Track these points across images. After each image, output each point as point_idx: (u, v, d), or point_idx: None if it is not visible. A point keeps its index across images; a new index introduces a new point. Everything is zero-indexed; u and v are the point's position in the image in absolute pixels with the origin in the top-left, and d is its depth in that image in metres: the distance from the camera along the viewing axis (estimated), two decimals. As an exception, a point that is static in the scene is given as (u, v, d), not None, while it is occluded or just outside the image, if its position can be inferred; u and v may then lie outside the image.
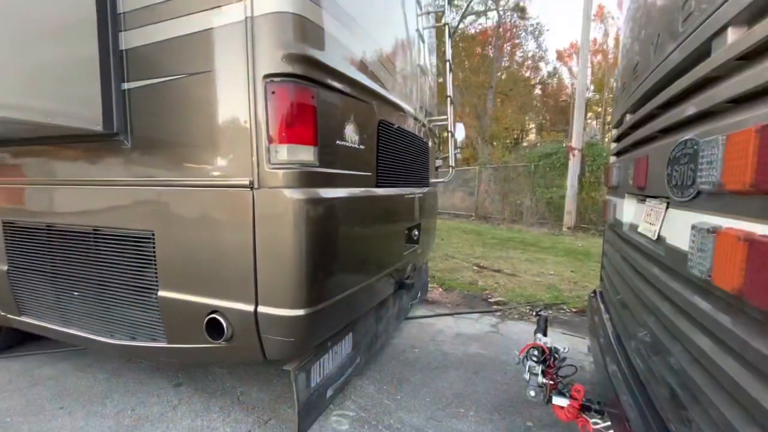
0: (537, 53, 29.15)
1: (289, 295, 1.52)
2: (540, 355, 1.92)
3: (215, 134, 1.59)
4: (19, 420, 2.02)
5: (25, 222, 2.18)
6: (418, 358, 2.84)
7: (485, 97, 23.32)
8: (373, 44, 2.06)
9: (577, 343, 3.14)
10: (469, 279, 5.18)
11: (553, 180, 11.50)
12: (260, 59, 1.46)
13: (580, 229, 10.53)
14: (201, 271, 1.68)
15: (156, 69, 1.69)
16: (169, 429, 1.97)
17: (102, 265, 1.96)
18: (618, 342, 1.81)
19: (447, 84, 3.26)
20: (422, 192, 2.95)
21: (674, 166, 1.03)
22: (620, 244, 1.89)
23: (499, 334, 3.37)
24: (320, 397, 1.85)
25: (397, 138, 2.38)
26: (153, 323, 1.85)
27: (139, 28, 1.70)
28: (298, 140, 1.49)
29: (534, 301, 4.24)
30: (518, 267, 5.99)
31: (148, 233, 1.78)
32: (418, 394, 2.35)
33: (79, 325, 2.13)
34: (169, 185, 1.71)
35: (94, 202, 1.94)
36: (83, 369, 2.56)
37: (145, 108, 1.74)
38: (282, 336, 1.57)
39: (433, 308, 4.01)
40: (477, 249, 7.61)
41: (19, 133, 1.92)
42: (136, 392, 2.30)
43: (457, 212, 15.35)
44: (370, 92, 1.98)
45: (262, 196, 1.51)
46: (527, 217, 11.69)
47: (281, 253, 1.51)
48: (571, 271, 5.72)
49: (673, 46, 1.17)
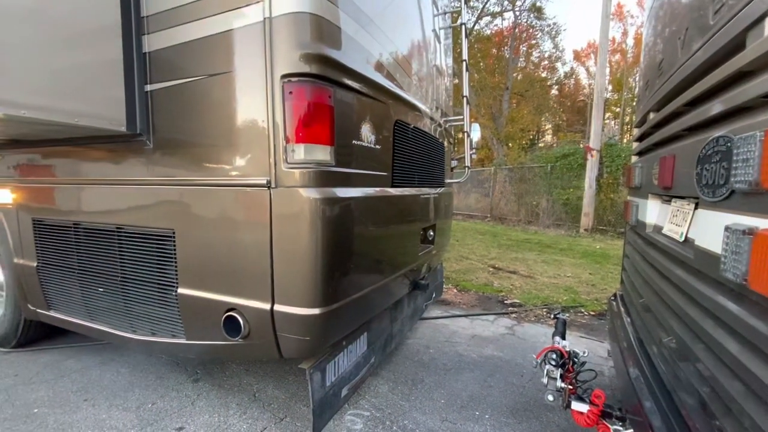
0: (554, 53, 28.73)
1: (304, 293, 1.53)
2: (558, 358, 1.88)
3: (234, 134, 1.61)
4: (45, 411, 2.08)
5: (53, 220, 2.26)
6: (433, 359, 2.82)
7: (501, 98, 23.06)
8: (389, 44, 2.05)
9: (596, 347, 3.07)
10: (485, 280, 5.12)
11: (570, 181, 11.29)
12: (278, 59, 1.48)
13: (598, 231, 10.30)
14: (219, 269, 1.70)
15: (177, 71, 1.72)
16: (187, 424, 2.01)
17: (125, 263, 2.00)
18: (640, 346, 1.76)
19: (463, 84, 3.23)
20: (437, 192, 2.93)
21: (704, 165, 0.99)
22: (643, 246, 1.84)
23: (515, 337, 3.32)
24: (335, 397, 1.85)
25: (413, 138, 2.37)
26: (173, 320, 1.89)
27: (162, 31, 1.74)
28: (315, 140, 1.50)
29: (551, 303, 4.16)
30: (534, 269, 5.89)
31: (168, 231, 1.81)
32: (432, 396, 2.34)
33: (103, 320, 2.19)
34: (190, 184, 1.74)
35: (118, 201, 1.99)
36: (107, 362, 2.63)
37: (167, 109, 1.78)
38: (297, 334, 1.57)
39: (448, 309, 3.98)
40: (492, 250, 7.52)
41: (47, 134, 1.98)
42: (157, 387, 2.35)
43: (472, 213, 15.22)
44: (386, 92, 1.98)
45: (279, 195, 1.52)
46: (543, 218, 11.51)
47: (297, 252, 1.52)
48: (589, 274, 5.60)
49: (702, 41, 1.12)
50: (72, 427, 1.96)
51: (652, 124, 1.78)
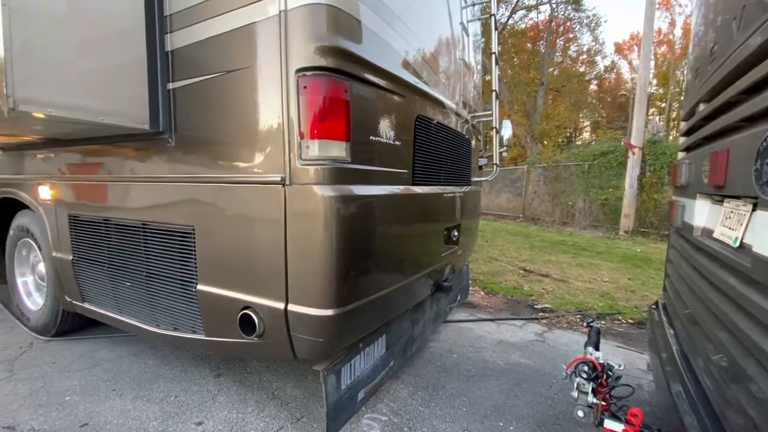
0: (593, 47, 27.44)
1: (318, 294, 1.49)
2: (591, 371, 1.74)
3: (250, 130, 1.59)
4: (76, 399, 2.17)
5: (86, 216, 2.35)
6: (456, 364, 2.72)
7: (535, 94, 22.28)
8: (412, 36, 1.97)
9: (634, 357, 2.85)
10: (514, 283, 4.93)
11: (609, 180, 10.70)
12: (293, 53, 1.44)
13: (639, 234, 9.70)
14: (236, 266, 1.70)
15: (196, 68, 1.73)
16: (206, 418, 2.03)
17: (149, 258, 2.05)
18: (684, 361, 1.59)
19: (493, 78, 3.09)
20: (463, 191, 2.82)
21: (766, 160, 0.85)
22: (689, 251, 1.66)
23: (545, 344, 3.15)
24: (351, 400, 1.81)
25: (437, 134, 2.28)
26: (193, 316, 1.91)
27: (183, 29, 1.75)
28: (330, 135, 1.45)
29: (585, 309, 3.93)
30: (568, 272, 5.62)
31: (189, 228, 1.83)
32: (453, 403, 2.24)
33: (130, 313, 2.26)
34: (208, 182, 1.74)
35: (143, 198, 2.04)
36: (137, 354, 2.72)
37: (188, 106, 1.79)
38: (311, 335, 1.54)
39: (474, 312, 3.85)
40: (523, 252, 7.25)
41: (78, 133, 2.06)
42: (181, 380, 2.40)
43: (503, 213, 14.82)
44: (407, 86, 1.90)
45: (293, 192, 1.49)
46: (579, 219, 10.99)
47: (311, 251, 1.48)
48: (628, 279, 5.27)
49: (763, 18, 0.97)
50: (99, 416, 2.03)
51: (702, 116, 1.60)
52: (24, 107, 1.40)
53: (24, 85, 1.39)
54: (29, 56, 1.40)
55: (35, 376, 2.41)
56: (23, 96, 1.39)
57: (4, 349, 2.77)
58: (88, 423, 1.97)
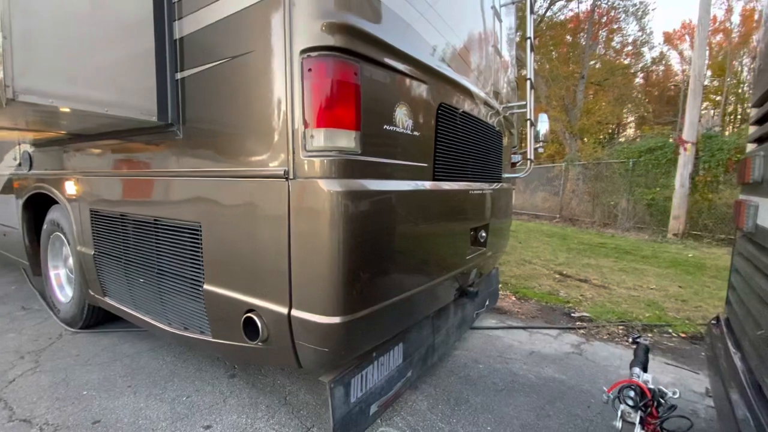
0: (639, 37, 25.73)
1: (323, 299, 1.35)
2: (638, 397, 1.49)
3: (253, 120, 1.48)
4: (93, 394, 2.17)
5: (106, 211, 2.35)
6: (482, 376, 2.51)
7: (574, 88, 21.18)
8: (436, 17, 1.79)
9: (687, 378, 2.52)
10: (549, 288, 4.61)
11: (657, 178, 9.91)
12: (297, 32, 1.31)
13: (691, 237, 8.92)
14: (240, 266, 1.59)
15: (204, 55, 1.64)
16: (215, 422, 1.95)
17: (160, 254, 2.00)
18: (756, 389, 1.32)
19: (528, 66, 2.85)
20: (492, 188, 2.59)
21: None
22: (764, 259, 1.38)
23: (582, 357, 2.87)
24: (361, 414, 1.66)
25: (462, 125, 2.09)
26: (200, 316, 1.83)
27: (191, 14, 1.67)
28: (337, 124, 1.30)
29: (629, 320, 3.58)
30: (610, 278, 5.20)
31: (196, 224, 1.75)
32: (477, 420, 2.04)
33: (144, 310, 2.23)
34: (213, 176, 1.65)
35: (154, 193, 1.99)
36: (156, 350, 2.72)
37: (195, 97, 1.71)
38: (316, 344, 1.40)
39: (504, 319, 3.60)
40: (560, 254, 6.83)
41: (84, 127, 2.03)
42: (195, 379, 2.35)
43: (538, 213, 14.19)
44: (429, 70, 1.72)
45: (297, 187, 1.36)
46: (622, 220, 10.28)
47: (316, 251, 1.34)
48: (678, 287, 4.79)
49: None
50: (112, 413, 2.00)
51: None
52: (24, 97, 1.35)
53: (25, 74, 1.34)
54: (31, 46, 1.36)
55: (59, 368, 2.44)
56: (24, 86, 1.34)
57: (35, 339, 2.85)
58: (100, 420, 1.95)
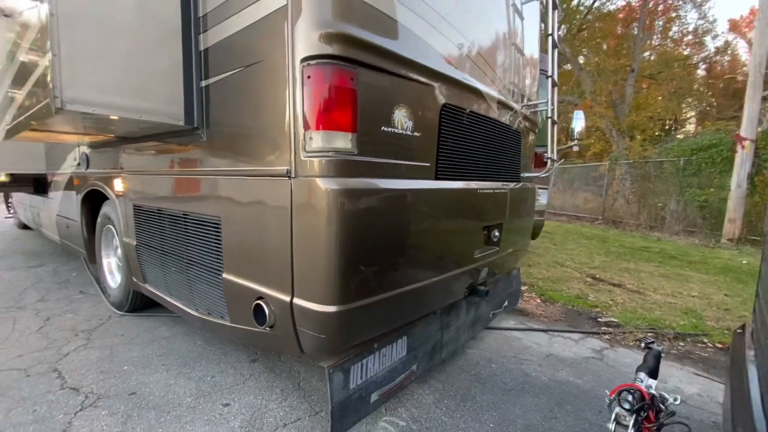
0: (700, 25, 23.75)
1: (320, 289, 1.46)
2: (636, 401, 1.46)
3: (263, 123, 1.61)
4: (132, 370, 2.42)
5: (145, 206, 2.61)
6: (493, 375, 2.52)
7: (623, 82, 19.94)
8: (438, 20, 1.83)
9: (715, 390, 2.39)
10: (577, 292, 4.46)
11: (711, 178, 9.17)
12: (298, 43, 1.42)
13: (748, 242, 8.17)
14: (252, 257, 1.74)
15: (223, 64, 1.80)
16: (234, 401, 2.12)
17: (189, 245, 2.20)
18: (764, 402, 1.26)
19: (550, 64, 2.80)
20: (507, 188, 2.58)
21: None
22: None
23: (602, 362, 2.78)
24: (361, 401, 1.75)
25: (470, 125, 2.11)
26: (220, 302, 2.00)
27: (214, 27, 1.83)
28: (334, 126, 1.40)
29: (660, 327, 3.40)
30: (647, 283, 4.93)
31: (217, 219, 1.92)
32: (481, 417, 2.07)
33: (176, 296, 2.46)
34: (231, 174, 1.81)
35: (183, 190, 2.19)
36: (189, 334, 2.97)
37: (216, 102, 1.88)
38: (314, 331, 1.51)
39: (525, 321, 3.55)
40: (596, 258, 6.55)
41: (123, 131, 2.27)
42: (220, 362, 2.56)
43: (579, 214, 13.60)
44: (431, 73, 1.78)
45: (298, 185, 1.47)
46: (671, 223, 9.61)
47: (314, 245, 1.45)
48: (724, 295, 4.46)
49: None
50: (147, 387, 2.24)
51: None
52: (70, 107, 1.57)
53: (71, 87, 1.56)
54: (75, 60, 1.57)
55: (106, 345, 2.75)
56: (70, 96, 1.56)
57: (89, 319, 3.20)
58: (135, 392, 2.19)
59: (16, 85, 2.14)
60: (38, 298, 3.64)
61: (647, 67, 21.35)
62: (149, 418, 1.95)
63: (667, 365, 2.77)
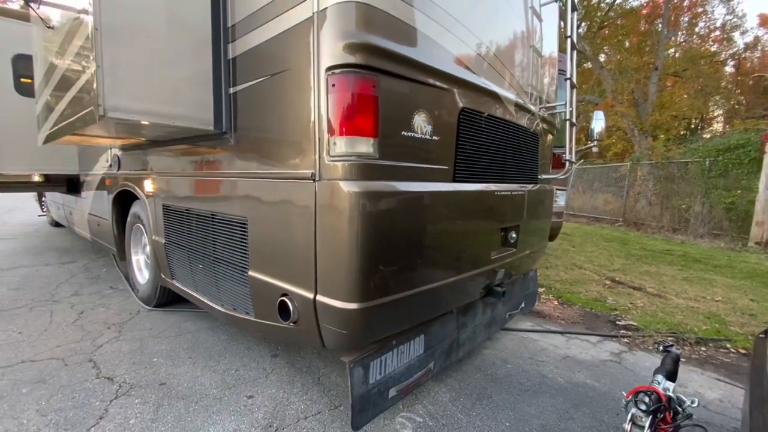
0: (729, 21, 22.94)
1: (342, 287, 1.52)
2: (652, 402, 1.48)
3: (289, 129, 1.69)
4: (161, 362, 2.55)
5: (174, 206, 2.74)
6: (509, 376, 2.54)
7: (646, 81, 19.42)
8: (458, 27, 1.88)
9: (736, 394, 2.35)
10: (596, 294, 4.41)
11: (738, 180, 8.88)
12: (323, 53, 1.49)
13: (779, 246, 7.90)
14: (278, 255, 1.82)
15: (250, 72, 1.89)
16: (256, 393, 2.22)
17: (216, 244, 2.31)
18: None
19: (567, 66, 2.81)
20: (525, 189, 2.60)
21: None
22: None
23: (620, 365, 2.77)
24: (380, 396, 1.81)
25: (488, 128, 2.15)
26: (246, 298, 2.10)
27: (242, 37, 1.93)
28: (357, 132, 1.47)
29: (681, 331, 3.35)
30: (669, 286, 4.84)
31: (243, 219, 2.02)
32: (497, 416, 2.10)
33: (203, 292, 2.57)
34: (258, 177, 1.90)
35: (211, 191, 2.30)
36: (213, 329, 3.09)
37: (243, 108, 1.97)
38: (336, 327, 1.58)
39: (541, 323, 3.55)
40: (616, 260, 6.44)
41: (157, 135, 2.39)
42: (243, 356, 2.66)
43: (599, 216, 13.34)
44: (450, 78, 1.83)
45: (322, 187, 1.54)
46: (695, 225, 9.35)
47: (337, 245, 1.51)
48: (749, 300, 4.34)
49: None
50: (174, 378, 2.36)
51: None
52: (112, 114, 1.68)
53: (112, 95, 1.67)
54: (116, 70, 1.68)
55: (136, 338, 2.89)
56: (111, 104, 1.67)
57: (119, 313, 3.37)
58: (165, 383, 2.30)
59: (58, 93, 2.28)
60: (72, 293, 3.84)
61: (672, 64, 20.75)
62: (179, 408, 2.05)
63: (688, 370, 2.74)
